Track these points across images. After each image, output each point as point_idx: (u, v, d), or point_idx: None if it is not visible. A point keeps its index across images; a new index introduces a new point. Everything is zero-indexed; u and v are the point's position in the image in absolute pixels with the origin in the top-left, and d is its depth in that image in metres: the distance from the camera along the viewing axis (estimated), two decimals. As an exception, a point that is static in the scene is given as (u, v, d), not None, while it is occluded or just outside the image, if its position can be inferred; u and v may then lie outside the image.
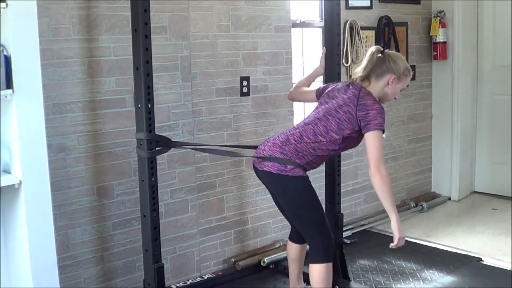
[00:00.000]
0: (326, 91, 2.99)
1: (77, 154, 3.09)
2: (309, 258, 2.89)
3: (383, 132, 2.73)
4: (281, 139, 2.84)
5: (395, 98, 2.94)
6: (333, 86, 2.99)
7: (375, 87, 2.86)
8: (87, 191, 3.15)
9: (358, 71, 2.91)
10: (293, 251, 3.14)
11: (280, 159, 2.76)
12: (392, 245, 2.77)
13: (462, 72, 5.16)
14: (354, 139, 2.83)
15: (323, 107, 2.89)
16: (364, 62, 2.90)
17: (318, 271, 2.83)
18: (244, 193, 3.89)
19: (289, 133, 2.86)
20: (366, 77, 2.87)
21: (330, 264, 2.86)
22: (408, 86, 2.98)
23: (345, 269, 3.52)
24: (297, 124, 2.94)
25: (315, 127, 2.81)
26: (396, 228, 2.74)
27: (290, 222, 3.11)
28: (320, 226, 2.84)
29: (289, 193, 2.81)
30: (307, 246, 3.02)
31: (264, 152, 2.84)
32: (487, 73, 5.30)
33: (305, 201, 2.82)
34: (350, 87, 2.87)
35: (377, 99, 2.84)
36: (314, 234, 2.85)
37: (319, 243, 2.84)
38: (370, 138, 2.70)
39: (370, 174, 2.71)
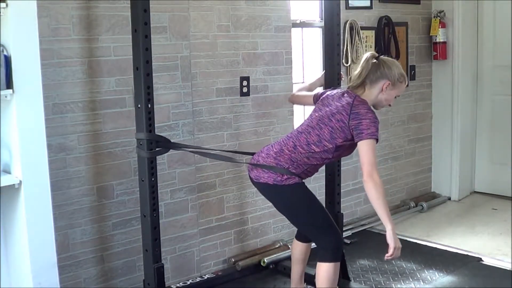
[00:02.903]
0: (322, 97, 2.98)
1: (77, 154, 3.09)
2: (318, 257, 2.88)
3: (377, 141, 2.71)
4: (275, 150, 2.83)
5: (390, 105, 2.93)
6: (329, 93, 2.97)
7: (370, 93, 2.84)
8: (87, 191, 3.15)
9: (354, 78, 2.88)
10: (299, 250, 3.13)
11: (276, 168, 2.75)
12: (387, 255, 2.68)
13: (462, 72, 5.15)
14: (347, 147, 2.81)
15: (316, 114, 2.87)
16: (359, 69, 2.87)
17: (325, 270, 2.82)
18: (244, 193, 3.89)
19: (282, 143, 2.85)
20: (361, 83, 2.85)
21: (338, 264, 2.86)
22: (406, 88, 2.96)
23: (345, 269, 3.51)
24: (291, 133, 2.92)
25: (308, 136, 2.80)
26: (391, 238, 2.66)
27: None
28: (325, 227, 2.84)
29: (288, 201, 2.81)
30: (314, 244, 3.00)
31: (259, 163, 2.83)
32: (487, 73, 5.29)
33: (305, 205, 2.82)
34: (345, 95, 2.84)
35: (371, 108, 2.81)
36: (321, 236, 2.84)
37: (328, 243, 2.83)
38: (363, 147, 2.68)
39: (363, 181, 2.67)
